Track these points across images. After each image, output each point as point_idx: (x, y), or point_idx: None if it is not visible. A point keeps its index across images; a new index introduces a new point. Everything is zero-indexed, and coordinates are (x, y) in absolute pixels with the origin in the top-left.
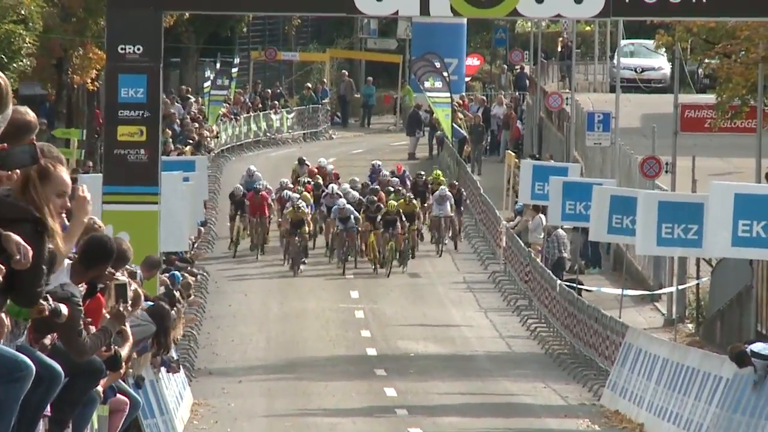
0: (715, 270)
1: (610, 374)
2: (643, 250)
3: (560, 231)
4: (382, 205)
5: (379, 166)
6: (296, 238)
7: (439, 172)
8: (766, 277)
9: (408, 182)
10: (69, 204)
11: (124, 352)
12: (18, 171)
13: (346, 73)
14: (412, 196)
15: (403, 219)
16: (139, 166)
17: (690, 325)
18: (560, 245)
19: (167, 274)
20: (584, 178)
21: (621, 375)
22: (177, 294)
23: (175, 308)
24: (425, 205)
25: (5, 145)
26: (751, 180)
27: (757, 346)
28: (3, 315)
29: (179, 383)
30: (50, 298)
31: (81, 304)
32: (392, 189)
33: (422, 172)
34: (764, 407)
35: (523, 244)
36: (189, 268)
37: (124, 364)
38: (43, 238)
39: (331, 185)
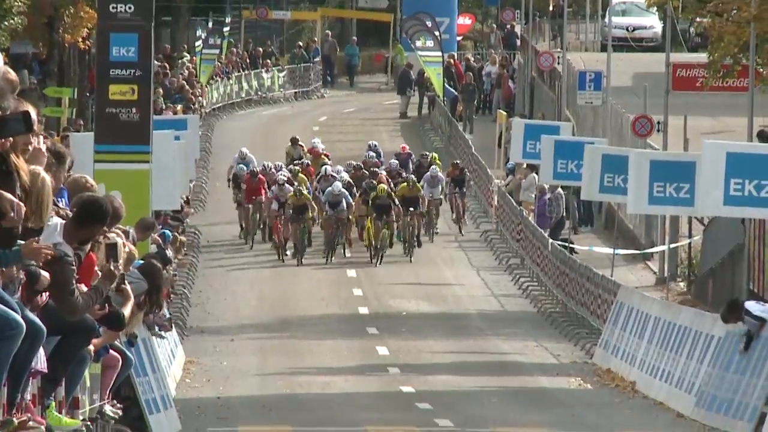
0: (707, 229)
1: (602, 333)
2: (635, 209)
3: (560, 190)
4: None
5: (375, 146)
6: (300, 225)
7: (435, 154)
8: (758, 236)
9: (411, 165)
10: (32, 141)
11: (126, 311)
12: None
13: (329, 33)
14: (415, 179)
15: (397, 204)
16: (130, 124)
17: (682, 284)
18: (561, 204)
19: (158, 232)
20: (576, 137)
21: (613, 334)
22: (169, 252)
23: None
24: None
25: None
26: (742, 139)
27: (750, 305)
28: None
29: (171, 342)
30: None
31: (73, 263)
32: (384, 171)
33: (426, 153)
34: (756, 366)
35: (515, 203)
36: (181, 226)
37: (125, 323)
38: (11, 177)
39: (324, 166)
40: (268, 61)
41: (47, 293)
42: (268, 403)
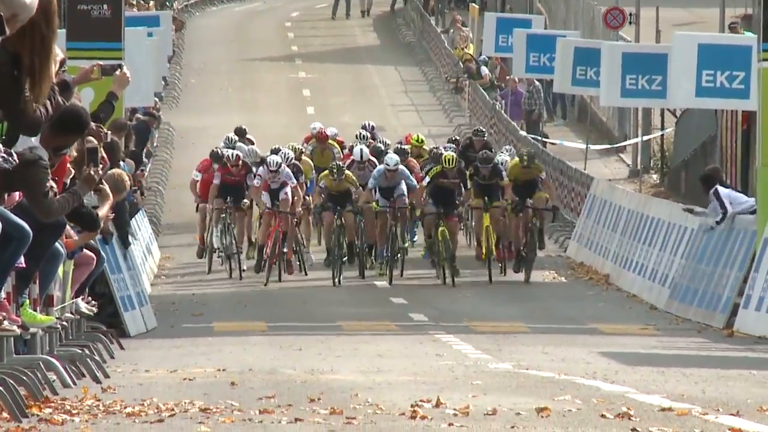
0: (679, 121)
1: (575, 226)
2: (608, 102)
3: (537, 83)
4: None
5: (371, 126)
6: (338, 221)
7: (422, 137)
8: (730, 127)
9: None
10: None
11: (102, 211)
12: None
13: None
14: (532, 154)
15: (467, 188)
16: (102, 21)
17: (655, 176)
18: (540, 98)
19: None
20: (548, 30)
21: (586, 227)
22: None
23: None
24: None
25: None
26: (714, 30)
27: (722, 189)
28: None
29: (146, 238)
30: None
31: (47, 167)
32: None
33: (482, 128)
34: (729, 257)
35: (487, 97)
36: (155, 122)
37: (102, 223)
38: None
39: (359, 147)
40: None
41: (19, 193)
42: (243, 299)
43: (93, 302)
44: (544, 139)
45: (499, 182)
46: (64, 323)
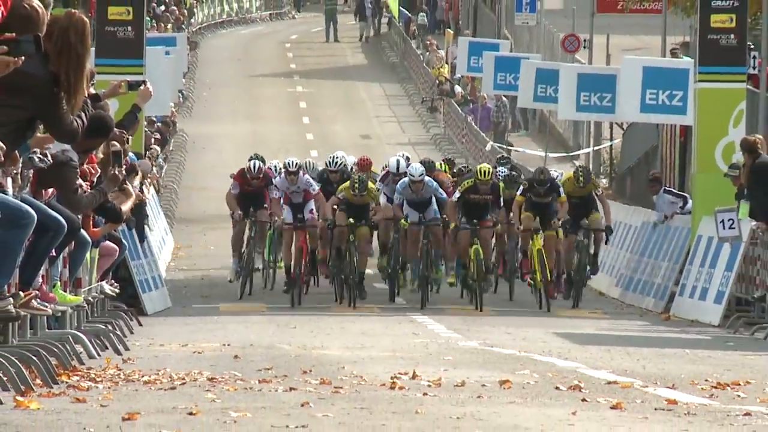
0: (626, 133)
1: None
2: (564, 116)
3: (504, 99)
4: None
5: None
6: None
7: (446, 166)
8: (670, 139)
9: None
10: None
11: (125, 207)
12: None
13: None
14: (589, 169)
15: (500, 207)
16: (126, 41)
17: (604, 180)
18: (506, 111)
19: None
20: (513, 53)
21: None
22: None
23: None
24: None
25: (14, 34)
26: (657, 55)
27: (670, 191)
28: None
29: (162, 229)
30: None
31: (77, 167)
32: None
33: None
34: (667, 251)
35: (460, 111)
36: (170, 129)
37: (124, 217)
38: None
39: (396, 158)
40: None
41: (51, 190)
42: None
43: (115, 285)
44: (509, 147)
45: (556, 199)
46: (90, 300)
